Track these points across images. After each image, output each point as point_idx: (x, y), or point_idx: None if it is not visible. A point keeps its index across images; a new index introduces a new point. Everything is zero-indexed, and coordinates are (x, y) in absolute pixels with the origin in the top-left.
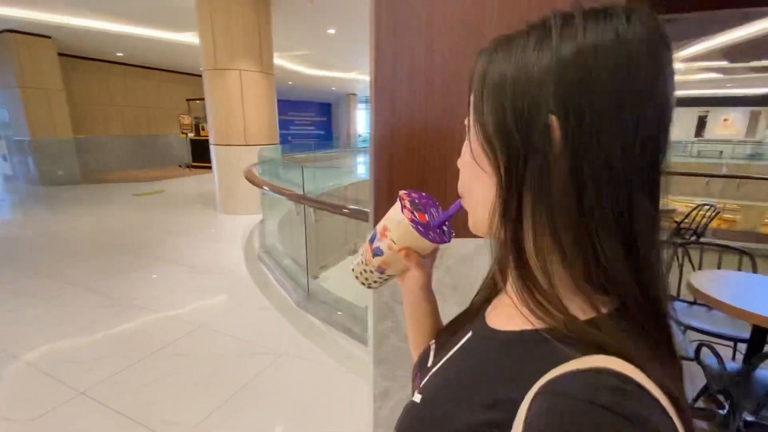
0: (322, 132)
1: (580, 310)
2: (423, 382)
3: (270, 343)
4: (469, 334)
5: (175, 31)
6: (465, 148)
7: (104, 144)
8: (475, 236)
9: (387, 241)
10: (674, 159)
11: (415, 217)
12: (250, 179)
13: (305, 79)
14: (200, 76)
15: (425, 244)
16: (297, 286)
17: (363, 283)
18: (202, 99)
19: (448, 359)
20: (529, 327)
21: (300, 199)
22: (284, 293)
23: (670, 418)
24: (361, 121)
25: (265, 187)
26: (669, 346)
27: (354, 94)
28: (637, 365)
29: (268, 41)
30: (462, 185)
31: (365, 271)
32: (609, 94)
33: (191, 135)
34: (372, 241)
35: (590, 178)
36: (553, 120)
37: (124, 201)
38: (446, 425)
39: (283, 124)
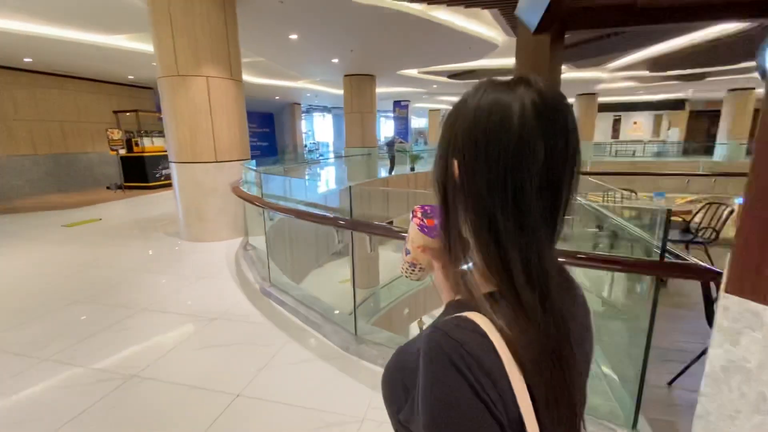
0: (265, 144)
1: (473, 287)
2: None
3: (339, 407)
4: None
5: (101, 32)
6: None
7: (10, 166)
8: None
9: (410, 242)
10: (597, 158)
11: (423, 222)
12: (258, 203)
13: (249, 89)
14: (129, 85)
15: (432, 241)
16: (336, 326)
17: (407, 276)
18: (135, 111)
19: None
20: (457, 298)
21: (358, 226)
22: (321, 336)
23: (495, 351)
24: (320, 131)
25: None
26: (527, 313)
27: (298, 104)
28: (490, 319)
29: (236, 43)
30: None
31: (404, 266)
32: (478, 149)
33: (123, 152)
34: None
35: (470, 204)
36: (455, 162)
37: (54, 234)
38: (402, 358)
39: None
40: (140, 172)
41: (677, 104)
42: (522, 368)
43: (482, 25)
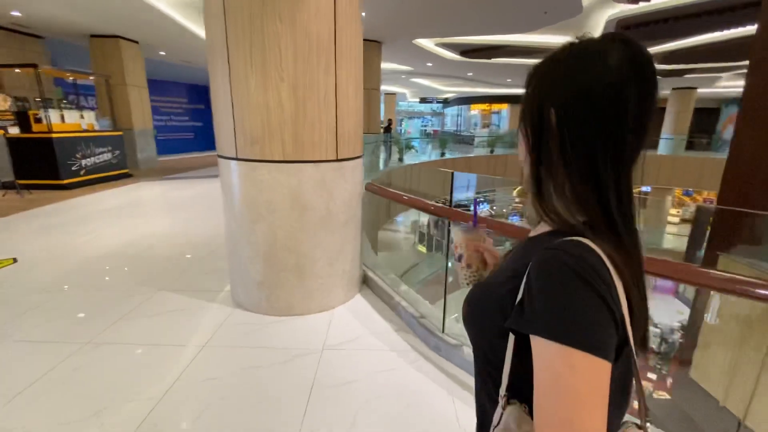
0: (199, 124)
1: (571, 218)
2: None
3: None
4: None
5: None
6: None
7: None
8: None
9: (459, 248)
10: None
11: (467, 223)
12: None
13: (188, 46)
14: (12, 30)
15: (478, 236)
16: None
17: (468, 284)
18: (34, 66)
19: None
20: (545, 230)
21: None
22: None
23: (606, 266)
24: None
25: None
26: (620, 236)
27: None
28: (592, 241)
29: None
30: (520, 154)
31: (464, 274)
32: (579, 98)
33: (14, 131)
34: (457, 258)
35: (569, 146)
36: (552, 112)
37: None
38: (490, 287)
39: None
40: (47, 164)
41: None
42: (623, 281)
43: None
